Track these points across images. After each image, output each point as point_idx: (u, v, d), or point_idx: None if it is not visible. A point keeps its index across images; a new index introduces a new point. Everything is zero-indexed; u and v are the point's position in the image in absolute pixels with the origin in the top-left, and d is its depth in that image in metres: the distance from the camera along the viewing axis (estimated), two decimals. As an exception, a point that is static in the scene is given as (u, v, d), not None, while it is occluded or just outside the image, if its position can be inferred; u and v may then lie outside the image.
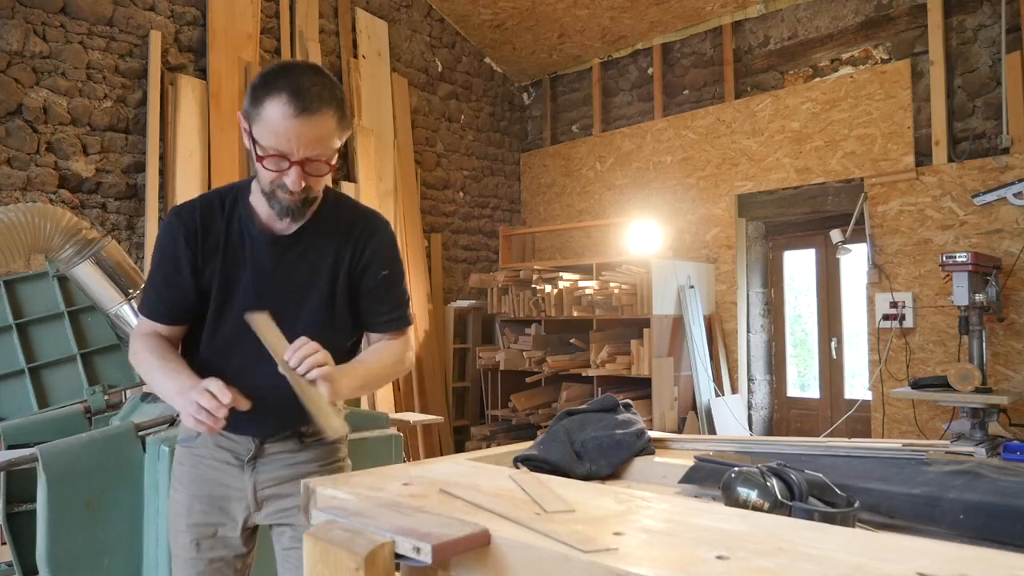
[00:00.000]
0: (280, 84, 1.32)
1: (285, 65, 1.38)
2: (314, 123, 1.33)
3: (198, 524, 1.56)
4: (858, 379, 5.15)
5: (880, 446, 1.59)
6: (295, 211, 1.43)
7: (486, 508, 1.13)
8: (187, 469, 1.59)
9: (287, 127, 1.32)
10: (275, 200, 1.42)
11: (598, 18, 5.93)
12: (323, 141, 1.36)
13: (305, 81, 1.33)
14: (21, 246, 2.36)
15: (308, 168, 1.37)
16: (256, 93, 1.35)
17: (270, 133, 1.33)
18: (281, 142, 1.33)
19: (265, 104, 1.33)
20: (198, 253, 1.48)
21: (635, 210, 5.83)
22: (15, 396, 2.93)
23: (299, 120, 1.31)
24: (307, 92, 1.32)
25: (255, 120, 1.36)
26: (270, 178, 1.39)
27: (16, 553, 2.28)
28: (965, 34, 4.48)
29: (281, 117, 1.31)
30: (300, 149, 1.34)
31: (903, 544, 0.92)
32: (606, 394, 1.93)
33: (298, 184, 1.36)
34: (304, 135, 1.33)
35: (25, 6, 4.16)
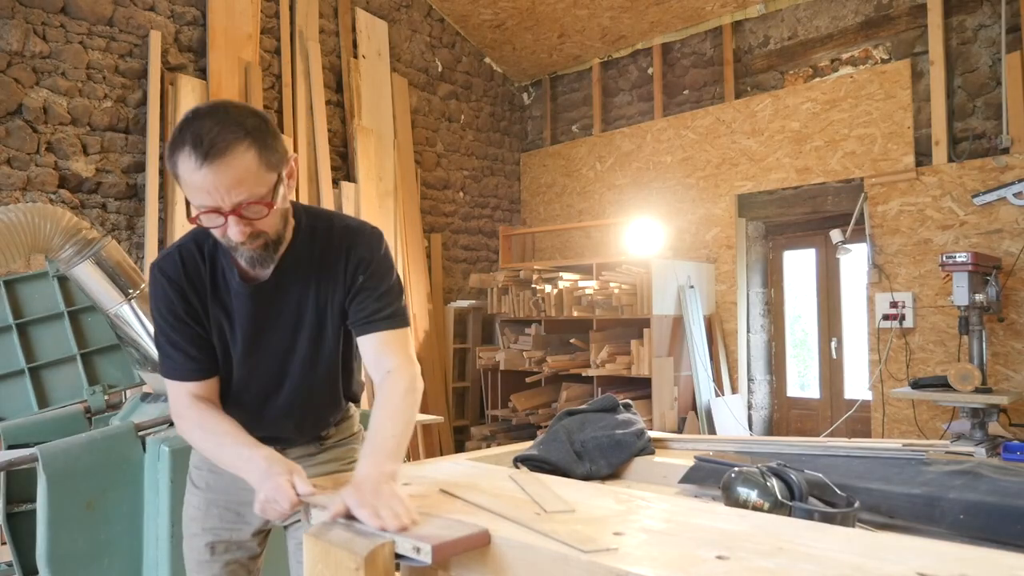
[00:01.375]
0: (182, 137, 1.22)
1: (187, 116, 1.26)
2: (225, 166, 1.20)
3: (214, 528, 1.56)
4: (858, 379, 5.14)
5: (880, 446, 1.59)
6: (262, 259, 1.35)
7: (486, 508, 1.13)
8: (204, 474, 1.58)
9: (199, 179, 1.21)
10: (238, 253, 1.33)
11: (598, 18, 5.93)
12: (245, 181, 1.23)
13: (204, 125, 1.21)
14: (21, 246, 2.36)
15: (245, 212, 1.25)
16: (169, 154, 1.25)
17: (191, 190, 1.24)
18: (203, 197, 1.23)
19: (177, 163, 1.23)
20: (192, 304, 1.42)
21: (635, 210, 5.83)
22: (15, 396, 2.93)
23: (208, 169, 1.20)
24: (206, 137, 1.20)
25: (178, 181, 1.26)
26: (219, 235, 1.30)
27: (16, 553, 2.28)
28: (965, 34, 4.47)
29: (190, 171, 1.21)
30: (224, 198, 1.22)
31: (903, 544, 0.92)
32: (606, 394, 1.93)
33: (241, 235, 1.26)
34: (220, 183, 1.21)
35: (25, 6, 4.16)
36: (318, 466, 1.59)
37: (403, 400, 1.38)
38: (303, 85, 5.29)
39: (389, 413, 1.36)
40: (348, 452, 1.66)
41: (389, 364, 1.42)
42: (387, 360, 1.43)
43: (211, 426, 1.39)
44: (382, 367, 1.42)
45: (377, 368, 1.43)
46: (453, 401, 6.00)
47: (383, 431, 1.33)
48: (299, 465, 1.30)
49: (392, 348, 1.44)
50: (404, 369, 1.42)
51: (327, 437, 1.63)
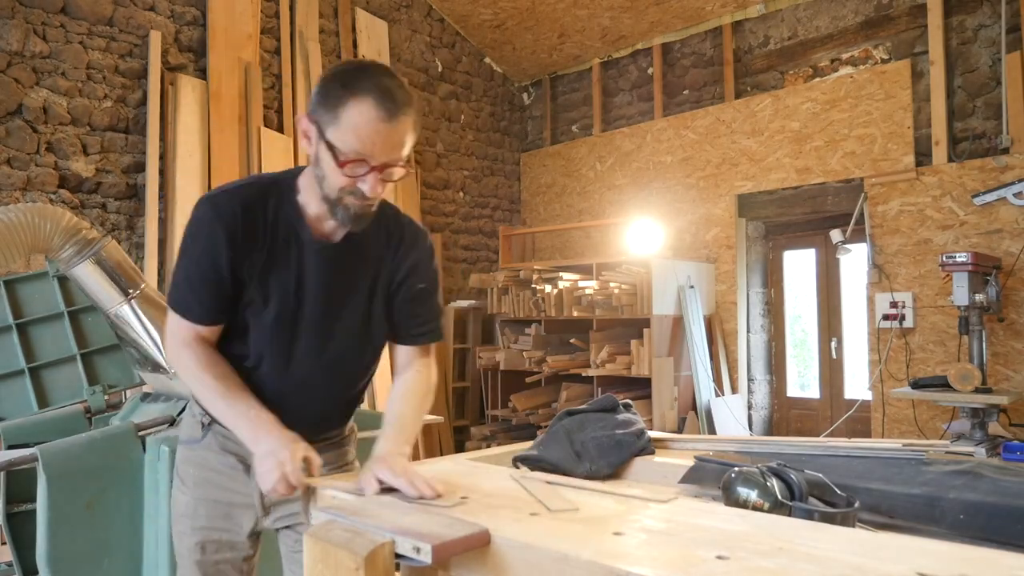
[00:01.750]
0: (365, 86, 1.25)
1: (361, 66, 1.32)
2: (399, 127, 1.28)
3: (203, 528, 1.53)
4: (858, 379, 5.14)
5: (880, 446, 1.59)
6: (363, 218, 1.36)
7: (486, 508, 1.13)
8: (192, 471, 1.55)
9: (374, 131, 1.25)
10: (341, 207, 1.34)
11: (598, 18, 5.93)
12: (403, 145, 1.31)
13: (390, 83, 1.27)
14: (21, 246, 2.36)
15: (384, 174, 1.31)
16: (335, 95, 1.26)
17: (353, 137, 1.26)
18: (365, 146, 1.26)
19: (348, 107, 1.25)
20: (238, 251, 1.36)
21: (635, 210, 5.83)
22: (15, 396, 2.93)
23: (387, 124, 1.26)
24: (394, 95, 1.26)
25: (331, 124, 1.27)
26: (342, 184, 1.30)
27: (16, 553, 2.28)
28: (965, 34, 4.47)
29: (368, 121, 1.25)
30: (382, 154, 1.28)
31: (903, 544, 0.92)
32: (606, 394, 1.93)
33: (375, 190, 1.30)
34: (390, 139, 1.27)
35: (25, 6, 4.16)
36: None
37: (423, 398, 1.52)
38: (303, 85, 5.29)
39: (412, 405, 1.49)
40: (341, 454, 1.64)
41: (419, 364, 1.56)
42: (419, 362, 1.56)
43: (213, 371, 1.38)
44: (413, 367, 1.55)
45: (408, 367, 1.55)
46: (453, 401, 6.00)
47: (404, 418, 1.45)
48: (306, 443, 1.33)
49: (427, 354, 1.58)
50: (429, 370, 1.56)
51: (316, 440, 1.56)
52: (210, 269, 1.36)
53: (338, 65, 1.34)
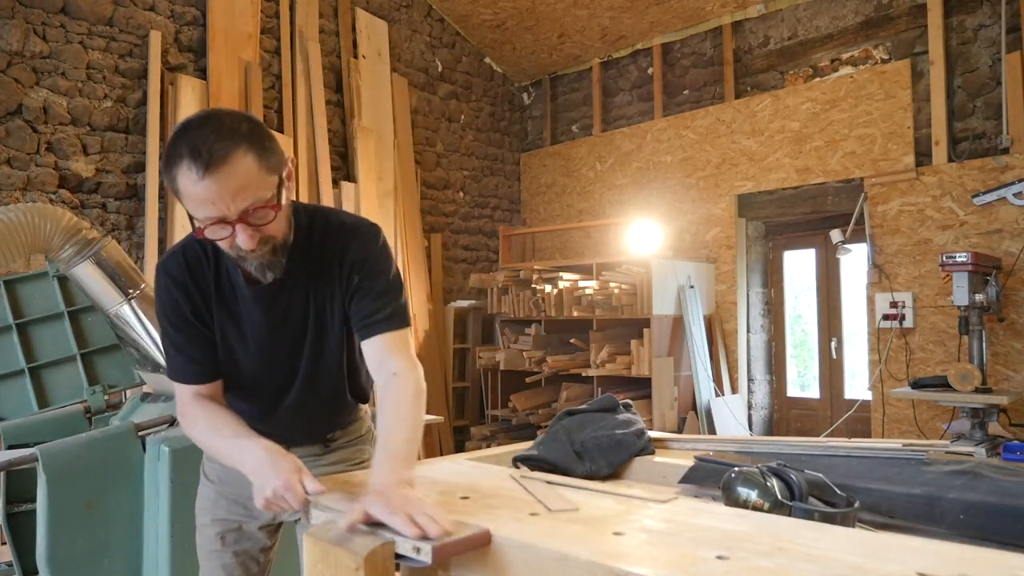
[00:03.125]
0: (178, 151, 1.19)
1: (178, 128, 1.23)
2: (227, 174, 1.18)
3: (223, 519, 1.59)
4: (858, 379, 5.14)
5: (880, 446, 1.59)
6: (271, 264, 1.34)
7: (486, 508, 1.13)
8: (215, 467, 1.60)
9: (201, 192, 1.19)
10: (247, 262, 1.32)
11: (598, 18, 5.93)
12: (249, 187, 1.21)
13: (199, 135, 1.19)
14: (21, 246, 2.36)
15: (252, 219, 1.23)
16: (166, 169, 1.22)
17: (193, 203, 1.21)
18: (208, 208, 1.20)
19: (176, 177, 1.20)
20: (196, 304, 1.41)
21: (635, 210, 5.82)
22: (15, 396, 2.93)
23: (210, 179, 1.17)
24: (203, 147, 1.17)
25: (178, 196, 1.24)
26: (227, 245, 1.28)
27: (16, 553, 2.28)
28: (965, 34, 4.47)
29: (191, 184, 1.19)
30: (230, 207, 1.20)
31: (903, 544, 0.92)
32: (606, 394, 1.93)
33: (251, 242, 1.25)
34: (223, 192, 1.19)
35: (25, 6, 4.16)
36: (324, 467, 1.59)
37: (412, 404, 1.35)
38: (303, 85, 5.29)
39: (401, 416, 1.33)
40: (356, 453, 1.66)
41: (394, 367, 1.39)
42: (391, 363, 1.40)
43: (212, 419, 1.39)
44: (386, 370, 1.40)
45: (381, 371, 1.41)
46: (453, 401, 6.00)
47: (395, 435, 1.29)
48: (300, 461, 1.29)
49: (395, 351, 1.41)
50: (410, 372, 1.39)
51: (333, 439, 1.64)
52: (187, 327, 1.41)
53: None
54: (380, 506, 1.07)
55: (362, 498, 1.12)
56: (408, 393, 1.36)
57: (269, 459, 1.25)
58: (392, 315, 1.42)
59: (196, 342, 1.42)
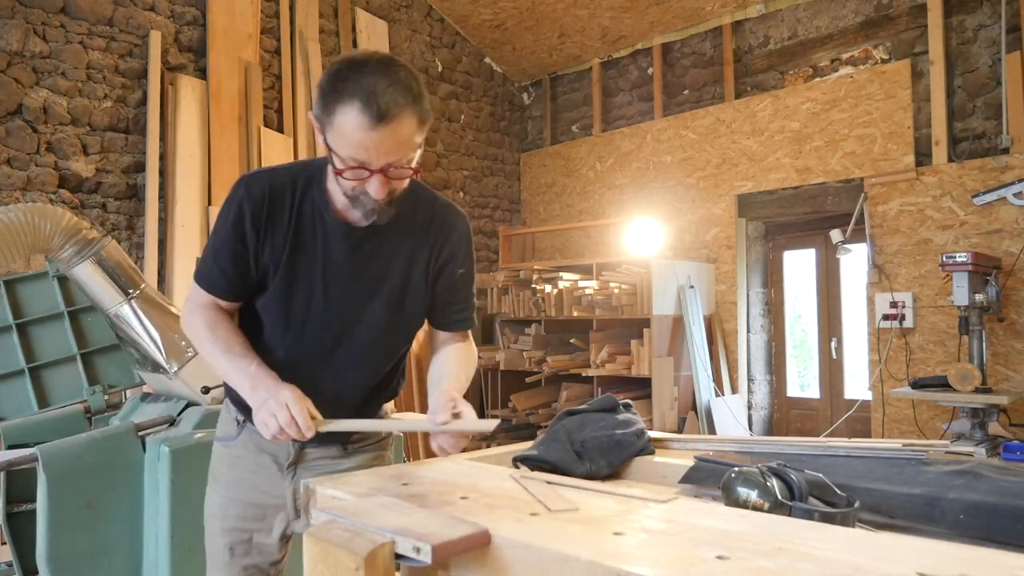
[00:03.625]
0: (350, 90, 1.19)
1: (353, 64, 1.23)
2: (392, 130, 1.21)
3: (234, 528, 1.51)
4: (858, 379, 5.14)
5: (880, 446, 1.58)
6: (383, 212, 1.33)
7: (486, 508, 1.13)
8: (225, 470, 1.53)
9: (364, 138, 1.20)
10: (358, 203, 1.32)
11: (598, 18, 5.93)
12: (404, 146, 1.25)
13: (378, 84, 1.20)
14: (21, 246, 2.36)
15: (390, 174, 1.26)
16: (326, 99, 1.23)
17: (346, 144, 1.22)
18: (359, 153, 1.22)
19: (337, 113, 1.21)
20: (262, 231, 1.38)
21: (635, 210, 5.82)
22: (15, 396, 2.93)
23: (376, 131, 1.20)
24: (381, 98, 1.19)
25: (328, 128, 1.24)
26: (351, 186, 1.29)
27: (16, 553, 2.28)
28: (965, 34, 4.47)
29: (356, 128, 1.20)
30: (380, 158, 1.23)
31: (903, 544, 0.92)
32: (606, 394, 1.93)
33: (382, 193, 1.27)
34: (383, 144, 1.22)
35: (25, 6, 4.16)
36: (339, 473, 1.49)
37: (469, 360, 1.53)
38: (303, 85, 5.29)
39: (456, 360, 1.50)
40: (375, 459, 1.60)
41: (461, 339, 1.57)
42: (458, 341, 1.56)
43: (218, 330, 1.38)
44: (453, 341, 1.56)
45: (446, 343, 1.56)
46: (453, 401, 5.99)
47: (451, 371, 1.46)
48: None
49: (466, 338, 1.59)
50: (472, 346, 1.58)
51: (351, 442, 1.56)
52: (239, 245, 1.38)
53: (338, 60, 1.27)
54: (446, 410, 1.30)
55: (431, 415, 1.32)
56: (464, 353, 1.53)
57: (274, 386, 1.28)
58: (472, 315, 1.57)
59: (237, 263, 1.39)
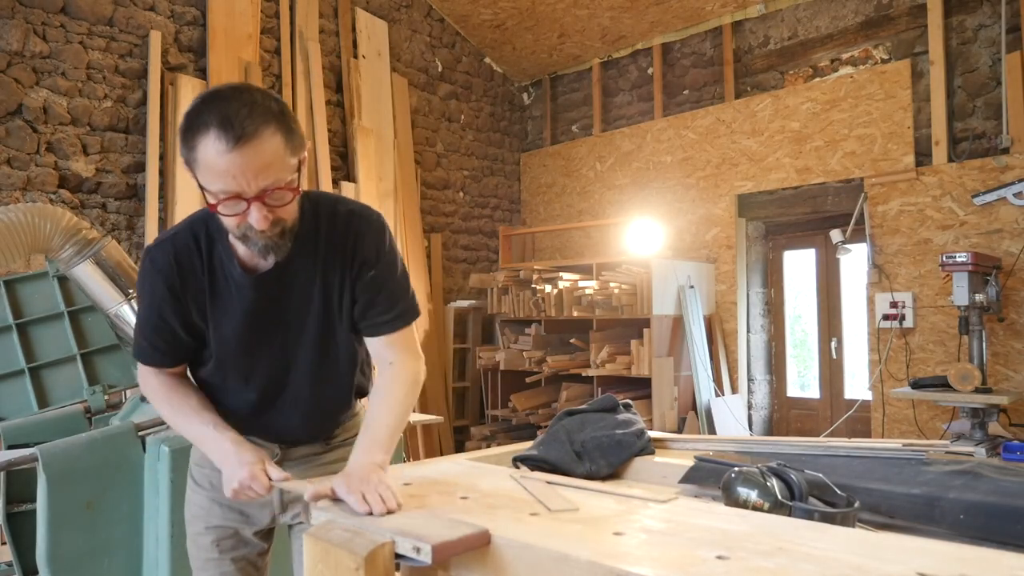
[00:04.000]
0: (205, 119, 1.17)
1: (206, 96, 1.21)
2: (254, 151, 1.16)
3: (218, 526, 1.54)
4: (858, 379, 5.14)
5: (880, 446, 1.59)
6: (278, 246, 1.30)
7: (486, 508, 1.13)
8: (207, 472, 1.54)
9: (227, 164, 1.16)
10: (251, 242, 1.28)
11: (598, 18, 5.93)
12: (273, 166, 1.19)
13: (231, 107, 1.17)
14: (21, 246, 2.36)
15: (269, 199, 1.21)
16: (185, 136, 1.19)
17: (213, 176, 1.18)
18: (228, 182, 1.17)
19: (197, 146, 1.17)
20: (179, 298, 1.38)
21: (635, 210, 5.82)
22: (15, 396, 2.93)
23: (237, 152, 1.15)
24: (235, 118, 1.15)
25: (195, 166, 1.20)
26: (234, 223, 1.24)
27: (16, 553, 2.28)
28: (965, 34, 4.47)
29: (217, 155, 1.16)
30: (251, 183, 1.18)
31: (903, 544, 0.92)
32: (606, 394, 1.93)
33: (264, 222, 1.22)
34: (249, 167, 1.17)
35: (25, 6, 4.16)
36: (324, 466, 1.56)
37: (403, 393, 1.41)
38: (303, 85, 5.29)
39: (389, 405, 1.39)
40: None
41: (391, 357, 1.45)
42: (390, 354, 1.45)
43: (178, 402, 1.42)
44: (384, 359, 1.46)
45: (380, 360, 1.47)
46: (453, 401, 5.99)
47: (379, 422, 1.36)
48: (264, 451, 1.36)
49: (397, 344, 1.45)
50: (407, 363, 1.45)
51: (333, 436, 1.61)
52: (158, 319, 1.40)
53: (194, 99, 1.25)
54: (342, 485, 1.18)
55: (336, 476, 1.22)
56: (400, 382, 1.42)
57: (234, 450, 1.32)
58: (400, 314, 1.45)
59: (163, 335, 1.42)
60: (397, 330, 1.45)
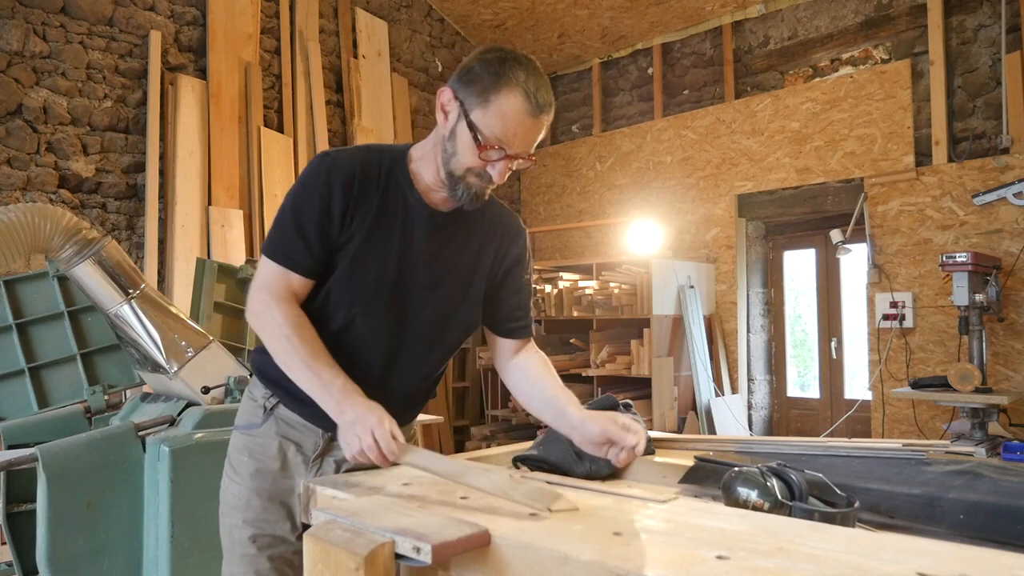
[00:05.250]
0: (518, 78, 1.29)
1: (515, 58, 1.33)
2: (542, 123, 1.33)
3: (256, 520, 1.46)
4: (858, 379, 5.14)
5: (880, 446, 1.59)
6: (481, 198, 1.40)
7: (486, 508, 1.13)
8: (246, 460, 1.48)
9: (520, 123, 1.30)
10: (463, 184, 1.36)
11: (598, 18, 5.93)
12: (538, 139, 1.37)
13: (540, 78, 1.32)
14: (21, 246, 2.36)
15: (518, 163, 1.36)
16: (487, 81, 1.30)
17: (500, 125, 1.30)
18: (507, 136, 1.31)
19: (500, 95, 1.29)
20: (352, 203, 1.37)
21: (635, 210, 5.83)
22: (15, 396, 2.93)
23: (533, 119, 1.31)
24: (542, 91, 1.31)
25: (478, 107, 1.30)
26: (473, 164, 1.33)
27: (16, 553, 2.28)
28: (965, 34, 4.47)
29: (517, 112, 1.29)
30: (520, 145, 1.33)
31: (903, 544, 0.92)
32: (606, 394, 1.93)
33: (503, 176, 1.35)
34: (532, 133, 1.33)
35: (25, 6, 4.16)
36: None
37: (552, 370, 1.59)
38: (303, 85, 5.29)
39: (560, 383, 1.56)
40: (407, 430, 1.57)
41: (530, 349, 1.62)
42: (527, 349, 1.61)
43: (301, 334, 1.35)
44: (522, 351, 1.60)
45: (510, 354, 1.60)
46: (453, 401, 5.99)
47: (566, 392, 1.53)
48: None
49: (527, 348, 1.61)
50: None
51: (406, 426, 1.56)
52: (324, 216, 1.37)
53: (488, 51, 1.35)
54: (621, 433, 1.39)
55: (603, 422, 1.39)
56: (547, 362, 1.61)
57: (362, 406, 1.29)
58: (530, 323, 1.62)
59: (321, 236, 1.37)
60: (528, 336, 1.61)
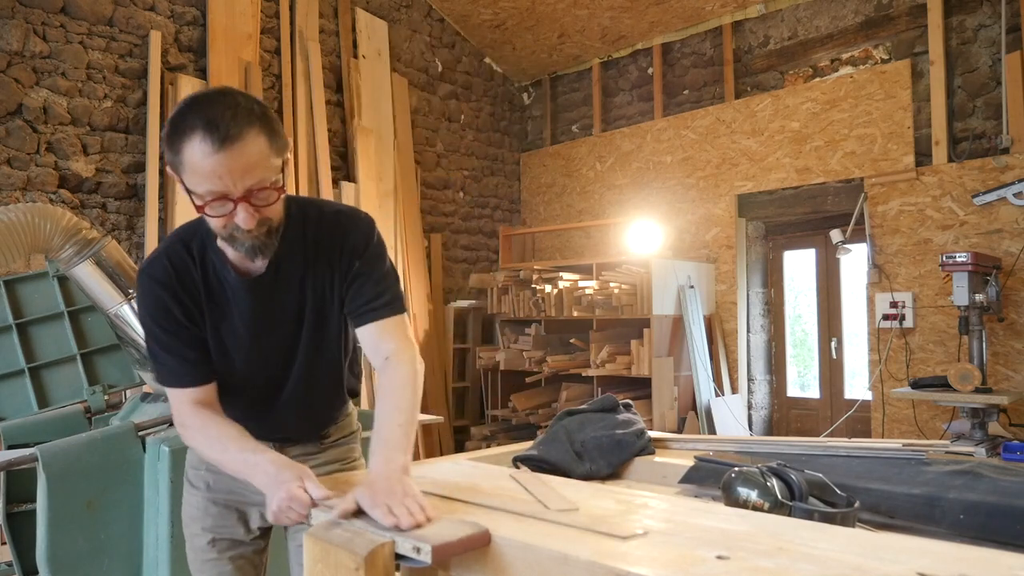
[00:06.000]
0: (190, 122, 1.20)
1: (189, 101, 1.24)
2: (239, 152, 1.20)
3: (215, 526, 1.56)
4: (858, 379, 5.14)
5: (880, 446, 1.59)
6: (263, 247, 1.32)
7: (486, 508, 1.13)
8: (202, 473, 1.57)
9: (213, 165, 1.19)
10: (238, 243, 1.30)
11: (598, 18, 5.93)
12: (258, 166, 1.23)
13: (216, 110, 1.20)
14: (21, 246, 2.36)
15: (255, 200, 1.24)
16: (171, 140, 1.22)
17: (199, 177, 1.21)
18: (214, 183, 1.21)
19: (183, 149, 1.20)
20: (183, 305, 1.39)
21: (635, 210, 5.82)
22: (15, 396, 2.93)
23: (223, 154, 1.19)
24: (220, 121, 1.19)
25: (180, 169, 1.23)
26: (221, 224, 1.27)
27: (16, 553, 2.28)
28: (965, 34, 4.47)
29: (203, 157, 1.18)
30: (237, 184, 1.21)
31: (903, 544, 0.92)
32: (606, 394, 1.93)
33: (251, 221, 1.25)
34: (234, 168, 1.20)
35: (25, 6, 4.16)
36: (319, 467, 1.58)
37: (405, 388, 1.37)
38: (303, 85, 5.29)
39: (394, 403, 1.35)
40: (348, 451, 1.66)
41: (387, 349, 1.42)
42: (385, 345, 1.42)
43: (214, 432, 1.37)
44: (380, 353, 1.42)
45: (376, 354, 1.43)
46: (453, 401, 5.99)
47: (390, 422, 1.32)
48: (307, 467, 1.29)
49: (390, 333, 1.43)
50: (403, 352, 1.41)
51: (326, 436, 1.63)
52: (175, 327, 1.39)
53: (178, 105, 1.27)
54: (366, 497, 1.12)
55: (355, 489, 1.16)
56: (400, 377, 1.38)
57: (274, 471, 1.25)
58: (391, 301, 1.44)
59: (187, 343, 1.40)
60: (387, 317, 1.44)
